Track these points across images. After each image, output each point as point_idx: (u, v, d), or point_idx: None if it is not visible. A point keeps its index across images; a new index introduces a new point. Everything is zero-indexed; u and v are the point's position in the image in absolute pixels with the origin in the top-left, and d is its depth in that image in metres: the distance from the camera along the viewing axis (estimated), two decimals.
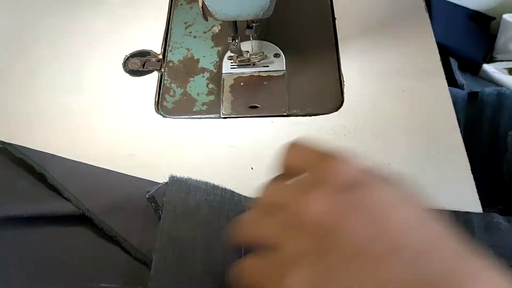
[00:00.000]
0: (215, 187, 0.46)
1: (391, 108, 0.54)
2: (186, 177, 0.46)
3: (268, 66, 0.58)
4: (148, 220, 0.45)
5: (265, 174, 0.51)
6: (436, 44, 0.59)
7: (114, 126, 0.54)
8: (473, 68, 1.26)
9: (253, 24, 0.53)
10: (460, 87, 1.05)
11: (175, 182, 0.45)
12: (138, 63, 0.59)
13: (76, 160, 0.50)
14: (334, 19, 0.62)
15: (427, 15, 0.61)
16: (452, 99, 0.80)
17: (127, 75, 0.58)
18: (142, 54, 0.60)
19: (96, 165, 0.50)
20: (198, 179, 0.46)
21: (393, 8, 0.62)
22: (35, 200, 0.47)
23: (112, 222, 0.45)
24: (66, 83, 0.57)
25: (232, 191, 0.46)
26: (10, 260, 0.44)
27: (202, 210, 0.44)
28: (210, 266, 0.41)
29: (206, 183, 0.46)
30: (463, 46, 1.24)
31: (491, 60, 1.33)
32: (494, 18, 1.33)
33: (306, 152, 0.32)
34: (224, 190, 0.46)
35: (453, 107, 0.76)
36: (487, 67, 1.24)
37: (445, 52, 1.26)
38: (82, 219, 0.46)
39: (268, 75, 0.57)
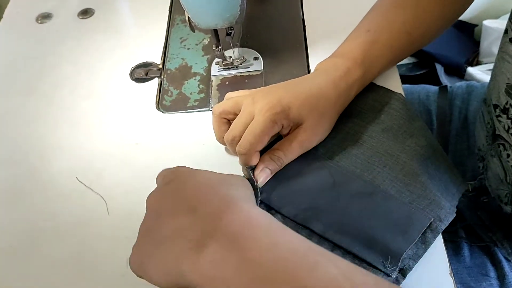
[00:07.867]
0: None
1: None
2: None
3: (248, 68, 0.68)
4: None
5: None
6: None
7: (123, 121, 0.65)
8: (458, 72, 1.33)
9: (231, 31, 0.64)
10: None
11: None
12: (142, 73, 0.70)
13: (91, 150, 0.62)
14: (304, 25, 0.73)
15: None
16: (425, 93, 0.90)
17: (133, 82, 0.70)
18: (145, 65, 0.71)
19: (109, 152, 0.62)
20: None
21: (355, 15, 0.72)
22: None
23: None
24: (83, 92, 0.69)
25: None
26: None
27: None
28: None
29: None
30: (447, 52, 1.32)
31: (478, 63, 1.39)
32: (476, 25, 1.41)
33: None
34: None
35: (427, 100, 0.85)
36: (472, 70, 1.31)
37: (430, 59, 1.35)
38: None
39: (249, 75, 0.68)
